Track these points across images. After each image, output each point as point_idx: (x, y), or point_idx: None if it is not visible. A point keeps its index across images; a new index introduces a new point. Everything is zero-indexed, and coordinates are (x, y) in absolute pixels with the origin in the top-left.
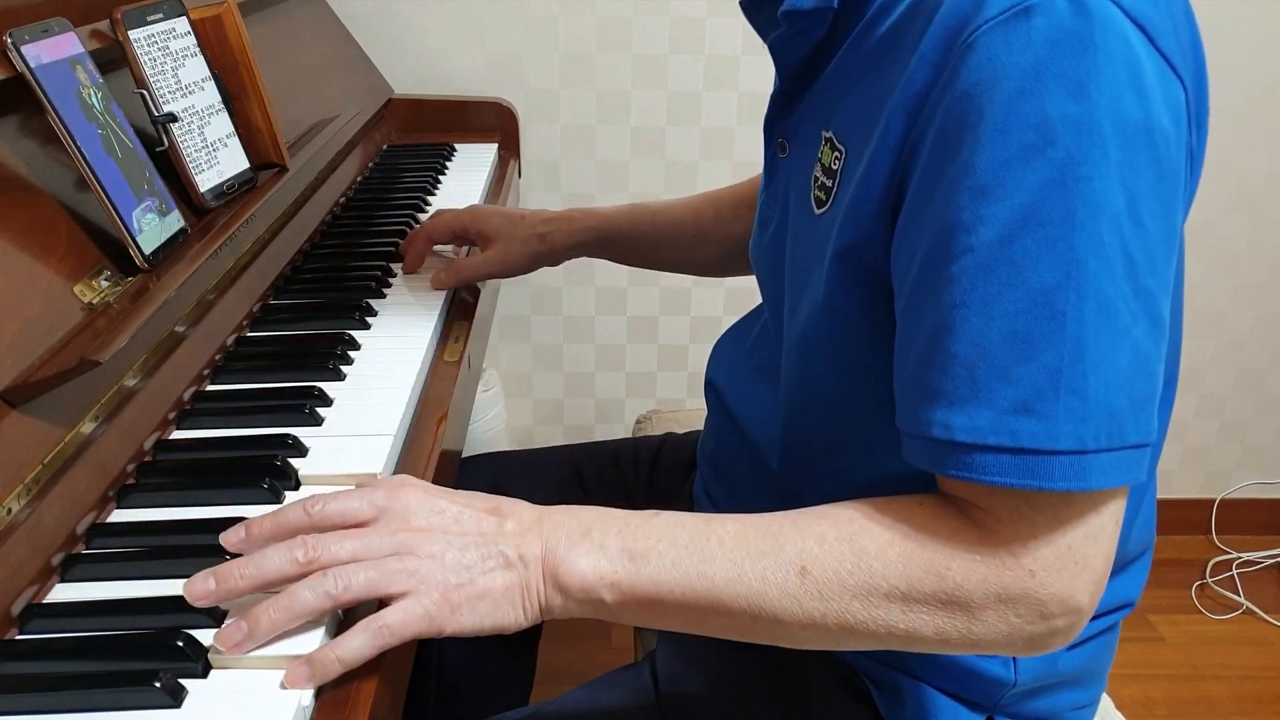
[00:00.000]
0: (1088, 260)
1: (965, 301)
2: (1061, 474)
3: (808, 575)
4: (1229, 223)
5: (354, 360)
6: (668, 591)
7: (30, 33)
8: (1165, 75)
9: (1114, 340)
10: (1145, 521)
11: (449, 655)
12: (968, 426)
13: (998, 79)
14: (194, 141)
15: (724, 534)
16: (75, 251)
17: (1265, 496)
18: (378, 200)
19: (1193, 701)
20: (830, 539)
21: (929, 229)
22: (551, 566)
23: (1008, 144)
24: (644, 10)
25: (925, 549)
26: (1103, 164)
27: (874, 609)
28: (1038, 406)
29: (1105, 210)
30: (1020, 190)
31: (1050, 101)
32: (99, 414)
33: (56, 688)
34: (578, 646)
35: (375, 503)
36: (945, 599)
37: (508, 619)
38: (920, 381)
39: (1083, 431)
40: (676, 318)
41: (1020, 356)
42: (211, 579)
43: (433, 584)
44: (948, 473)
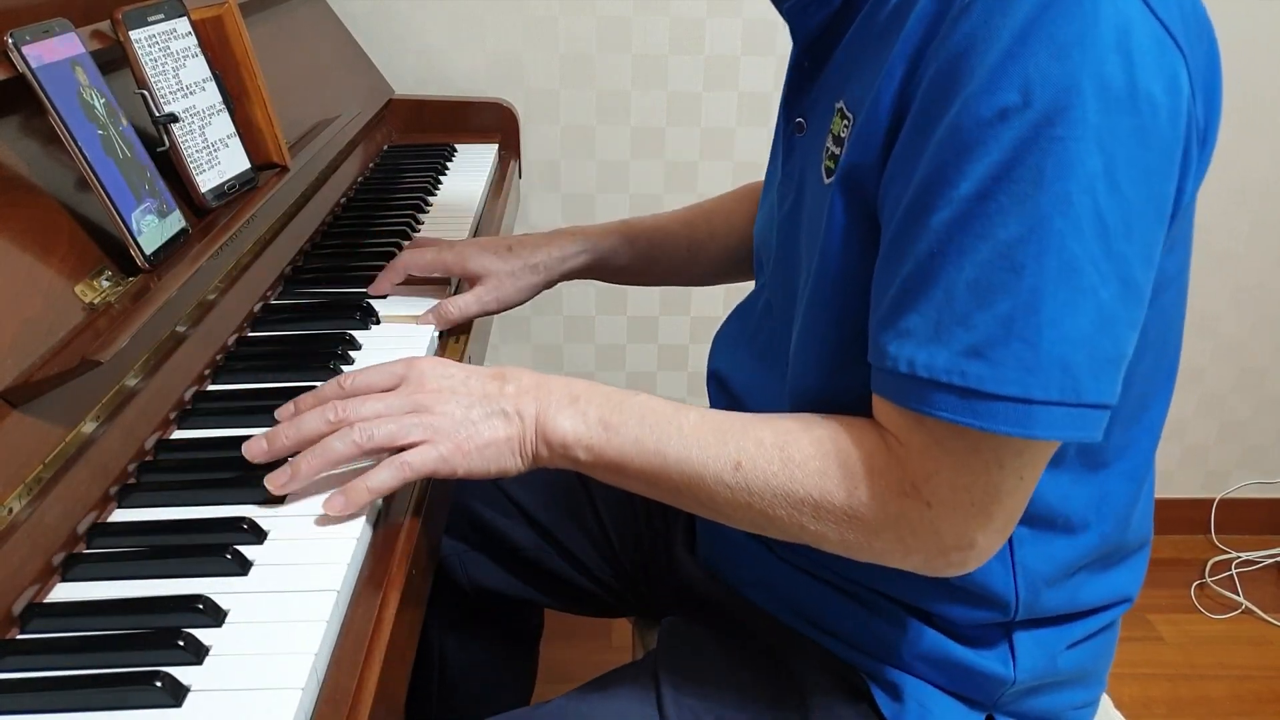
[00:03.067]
0: (1053, 218)
1: (941, 250)
2: (1004, 418)
3: (740, 470)
4: (1229, 223)
5: (355, 360)
6: (629, 461)
7: (31, 33)
8: (1162, 43)
9: (1075, 297)
10: (1143, 515)
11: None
12: (927, 364)
13: (989, 39)
14: (195, 142)
15: (684, 422)
16: (76, 251)
17: (1265, 496)
18: (378, 200)
19: (1192, 701)
20: (766, 443)
21: (915, 180)
22: (542, 424)
23: (991, 103)
24: (644, 10)
25: (841, 467)
26: (1079, 125)
27: (790, 509)
28: (988, 352)
29: (1077, 171)
30: (998, 148)
31: (1033, 63)
32: (100, 414)
33: (57, 687)
34: (578, 646)
35: (395, 372)
36: (849, 514)
37: (508, 464)
38: (893, 320)
39: (1029, 380)
40: (676, 318)
41: (979, 304)
42: (264, 440)
43: (445, 434)
44: (903, 403)
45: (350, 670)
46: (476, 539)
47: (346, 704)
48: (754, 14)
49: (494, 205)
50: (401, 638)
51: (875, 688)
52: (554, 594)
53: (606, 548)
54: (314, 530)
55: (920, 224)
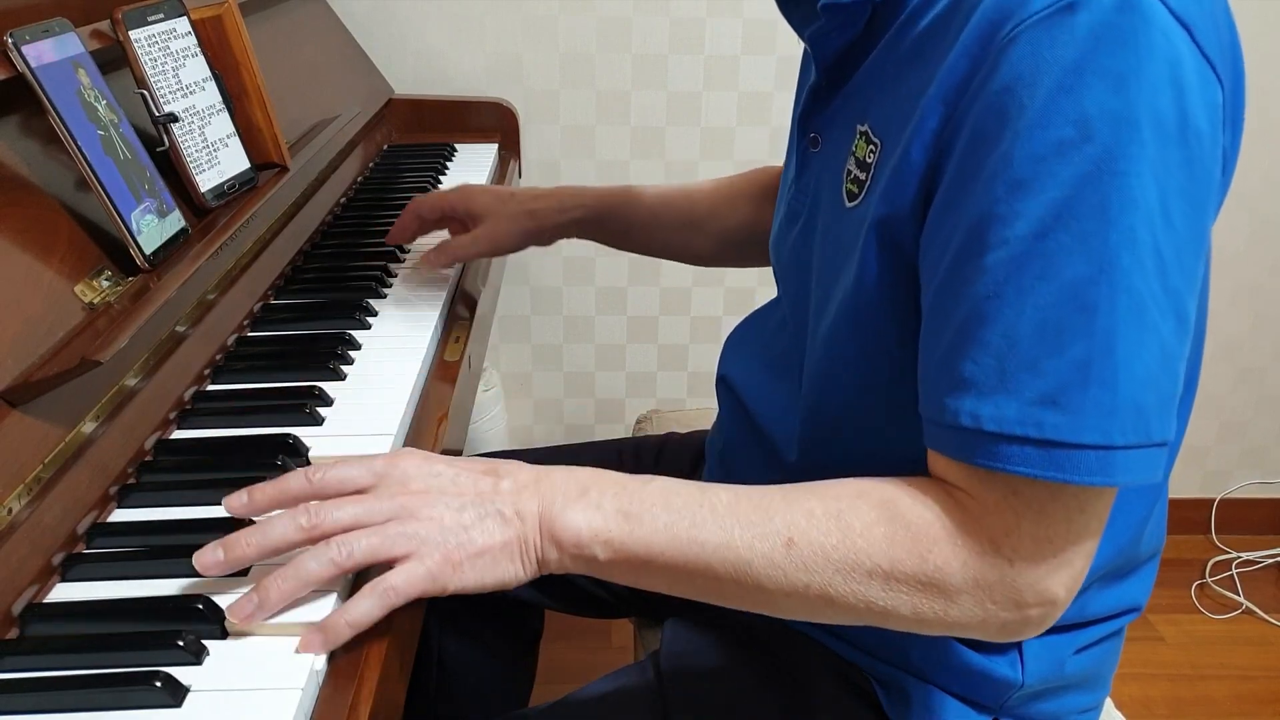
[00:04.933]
0: (1121, 255)
1: (998, 293)
2: (1087, 468)
3: (794, 547)
4: (1229, 223)
5: (354, 360)
6: (658, 553)
7: (31, 33)
8: (1205, 75)
9: (1143, 336)
10: (1156, 526)
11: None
12: (995, 416)
13: (1039, 73)
14: (194, 142)
15: (716, 502)
16: (76, 251)
17: (1265, 496)
18: (378, 200)
19: (1192, 701)
20: (818, 514)
21: (964, 220)
22: (548, 522)
23: (1046, 138)
24: (644, 10)
25: (909, 530)
26: (1139, 160)
27: (855, 584)
28: (1064, 399)
29: (1140, 206)
30: (1056, 184)
31: (1090, 97)
32: (100, 414)
33: (57, 688)
34: (578, 646)
35: (374, 469)
36: (925, 581)
37: (507, 574)
38: (949, 370)
39: (1109, 426)
40: (676, 318)
41: (1050, 349)
42: (220, 549)
43: (433, 544)
44: (972, 460)
45: (350, 671)
46: None
47: (346, 705)
48: (754, 14)
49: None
50: (401, 638)
51: (880, 690)
52: (555, 594)
53: None
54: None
55: (973, 266)
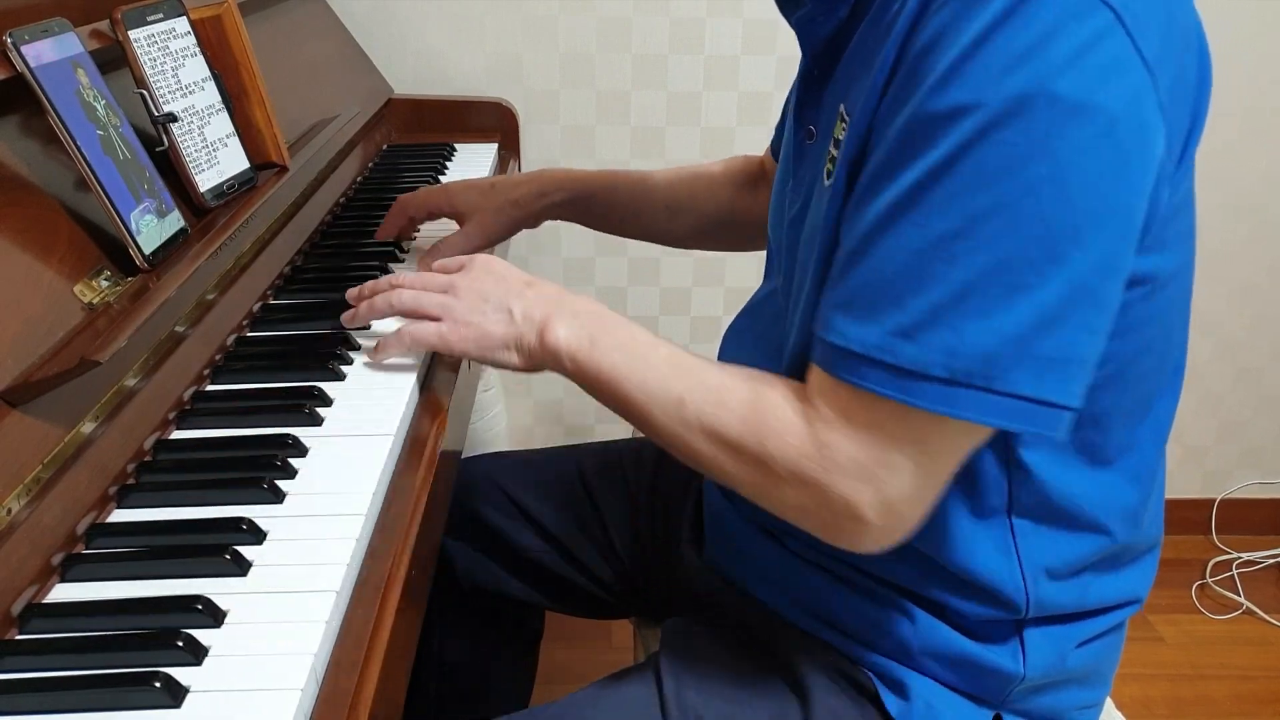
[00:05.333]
0: (989, 218)
1: (880, 232)
2: (930, 396)
3: (683, 405)
4: (1229, 223)
5: (354, 360)
6: (602, 378)
7: (30, 33)
8: (1124, 61)
9: (1008, 296)
10: (1153, 517)
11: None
12: (861, 339)
13: (954, 37)
14: (194, 141)
15: (654, 355)
16: (75, 251)
17: (1265, 496)
18: (378, 200)
19: (1193, 701)
20: (710, 385)
21: (873, 162)
22: (543, 329)
23: (943, 100)
24: (644, 10)
25: (761, 416)
26: (1024, 132)
27: (712, 447)
28: (918, 335)
29: (1019, 175)
30: (945, 144)
31: (988, 68)
32: (99, 414)
33: (56, 688)
34: (578, 647)
35: (461, 261)
36: (757, 461)
37: (503, 357)
38: (834, 292)
39: (953, 364)
40: (676, 318)
41: (913, 290)
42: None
43: (453, 316)
44: (836, 374)
45: (349, 671)
46: (479, 540)
47: (346, 705)
48: (754, 14)
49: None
50: (401, 638)
51: (881, 686)
52: (555, 595)
53: (608, 548)
54: (313, 531)
55: (867, 205)
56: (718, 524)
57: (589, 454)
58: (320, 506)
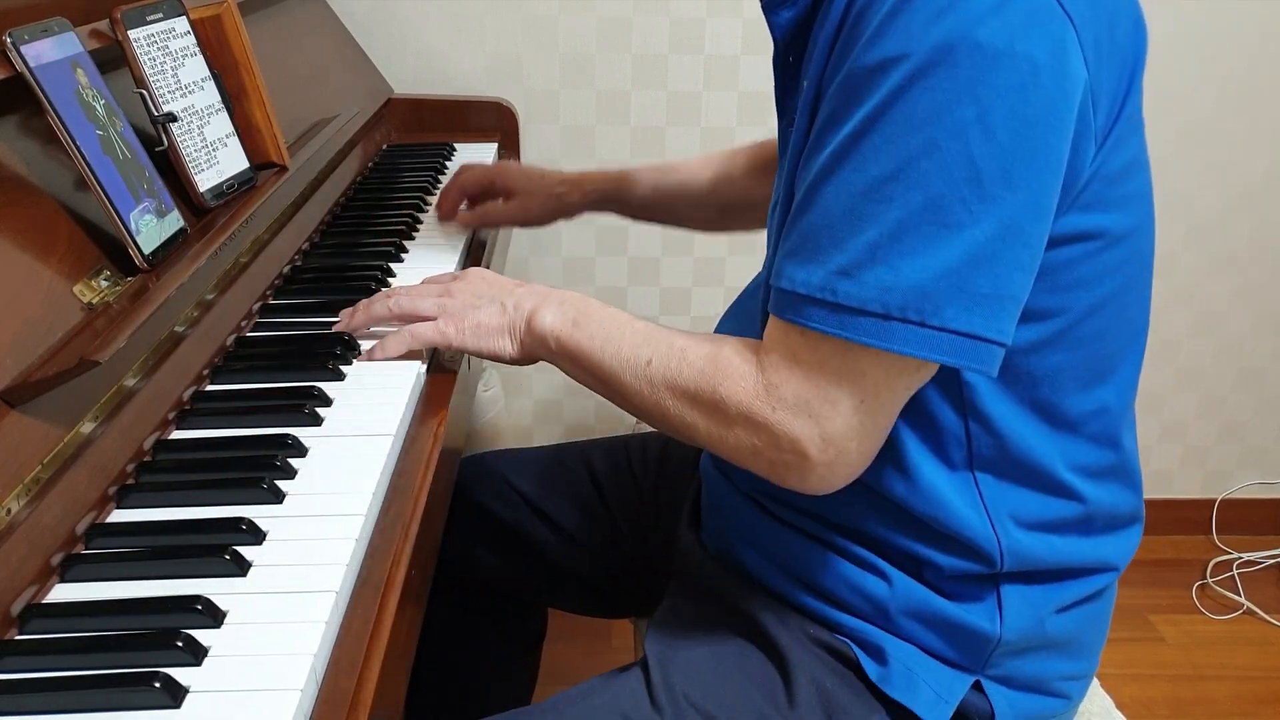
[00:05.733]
0: (919, 159)
1: (822, 181)
2: (867, 330)
3: (650, 366)
4: (1229, 223)
5: (354, 360)
6: (582, 354)
7: (30, 32)
8: (1044, 10)
9: (940, 233)
10: (1127, 486)
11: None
12: (805, 280)
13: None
14: (193, 141)
15: (629, 329)
16: (75, 251)
17: (1265, 496)
18: (377, 200)
19: (1193, 701)
20: (676, 346)
21: (817, 122)
22: (531, 316)
23: (874, 54)
24: (644, 10)
25: (716, 365)
26: (950, 78)
27: (675, 401)
28: (856, 273)
29: (945, 119)
30: (877, 94)
31: (914, 20)
32: (99, 414)
33: (56, 688)
34: (578, 647)
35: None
36: (712, 406)
37: (499, 344)
38: (785, 243)
39: (888, 300)
40: (676, 318)
41: (850, 231)
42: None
43: (451, 314)
44: (784, 316)
45: (349, 671)
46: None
47: (346, 705)
48: (754, 14)
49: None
50: (401, 638)
51: (861, 654)
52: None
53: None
54: (313, 531)
55: (812, 159)
56: (713, 499)
57: (595, 448)
58: (320, 506)
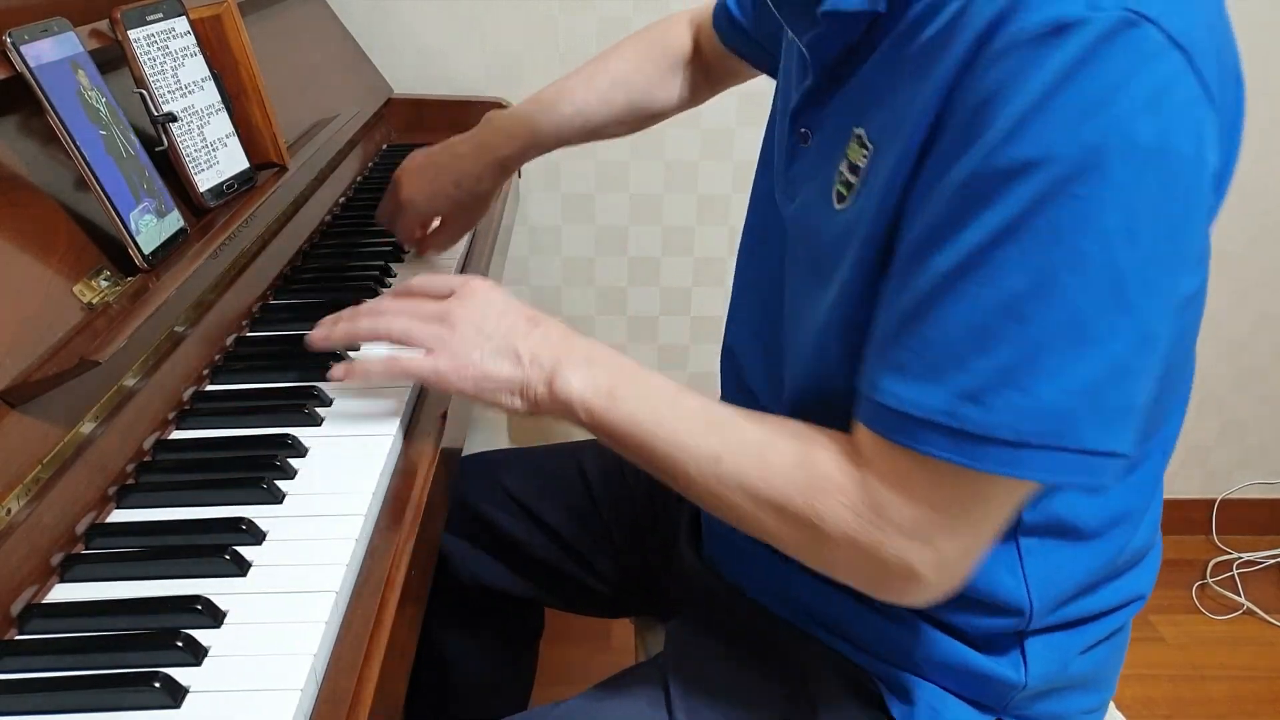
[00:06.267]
0: (1062, 274)
1: (941, 293)
2: (995, 459)
3: (720, 463)
4: (1230, 223)
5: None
6: (624, 434)
7: (30, 33)
8: (1196, 100)
9: (1080, 351)
10: (1150, 524)
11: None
12: (920, 403)
13: (1019, 89)
14: (193, 141)
15: (681, 408)
16: (75, 251)
17: (1265, 496)
18: (377, 200)
19: (1193, 701)
20: (750, 441)
21: (927, 218)
22: (553, 376)
23: (1012, 155)
24: (644, 10)
25: (812, 478)
26: (1102, 185)
27: (755, 508)
28: (983, 397)
29: (1093, 229)
30: (1014, 201)
31: (1060, 118)
32: (98, 414)
33: (56, 688)
34: (578, 646)
35: (451, 284)
36: (806, 523)
37: (504, 401)
38: (886, 354)
39: (1021, 425)
40: (676, 318)
41: (979, 351)
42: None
43: (451, 351)
44: (893, 438)
45: (349, 671)
46: (479, 536)
47: (346, 704)
48: None
49: (493, 205)
50: (401, 638)
51: (886, 690)
52: (555, 591)
53: (608, 543)
54: (313, 531)
55: (924, 263)
56: (718, 531)
57: (589, 451)
58: (320, 506)
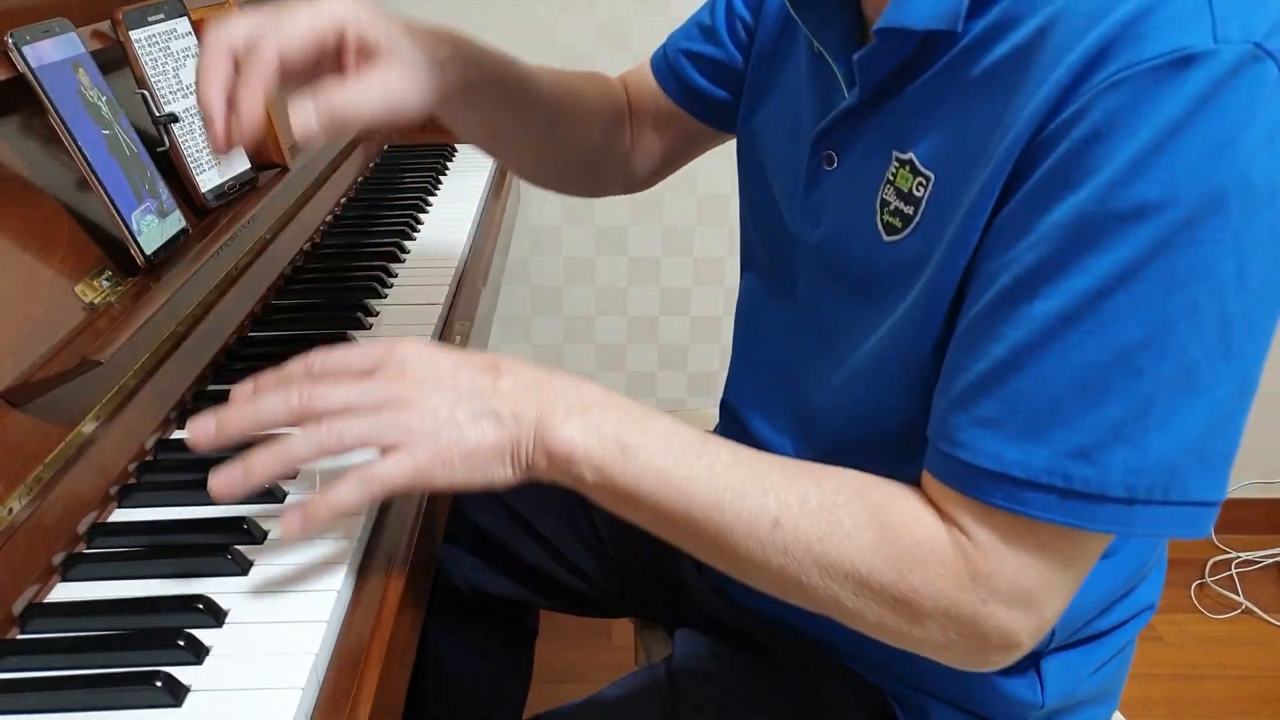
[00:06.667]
0: (1177, 324)
1: (1043, 343)
2: (1105, 517)
3: (779, 528)
4: None
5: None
6: (646, 494)
7: (31, 33)
8: None
9: (1190, 402)
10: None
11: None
12: (1022, 463)
13: (1135, 125)
14: (195, 142)
15: (715, 459)
16: (76, 251)
17: (1265, 496)
18: (378, 200)
19: (1192, 701)
20: (812, 502)
21: (1021, 260)
22: (544, 431)
23: (1129, 197)
24: (644, 10)
25: (896, 544)
26: (1219, 230)
27: (829, 580)
28: (1095, 455)
29: (1209, 276)
30: (1128, 245)
31: (1183, 160)
32: (100, 414)
33: (57, 687)
34: (577, 647)
35: (372, 355)
36: (897, 597)
37: (496, 475)
38: (971, 405)
39: (1134, 482)
40: (676, 318)
41: (1088, 406)
42: (212, 422)
43: (425, 438)
44: (991, 500)
45: (350, 670)
46: (474, 545)
47: (346, 704)
48: None
49: (494, 205)
50: (401, 638)
51: (899, 708)
52: (551, 597)
53: (602, 554)
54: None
55: (1020, 310)
56: None
57: None
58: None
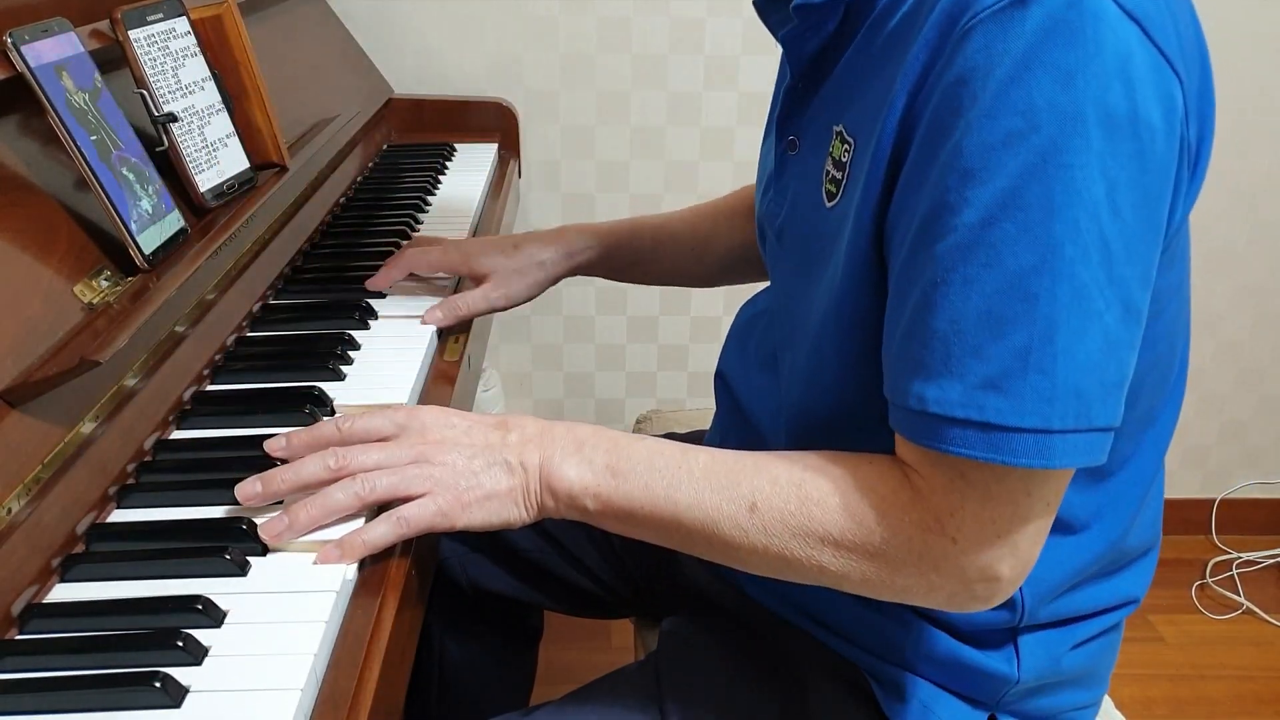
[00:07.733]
0: (1064, 245)
1: (946, 280)
2: (1025, 450)
3: (756, 511)
4: (1229, 223)
5: (354, 360)
6: (639, 508)
7: (30, 33)
8: (1159, 69)
9: (1085, 324)
10: (1150, 520)
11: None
12: (939, 399)
13: (991, 66)
14: (194, 141)
15: (694, 465)
16: (75, 251)
17: (1265, 496)
18: (378, 200)
19: (1193, 701)
20: (782, 481)
21: (920, 208)
22: (547, 474)
23: (994, 129)
24: (644, 10)
25: (862, 502)
26: (1084, 152)
27: (810, 549)
28: (1006, 384)
29: (1084, 197)
30: (1003, 175)
31: (1037, 89)
32: (99, 414)
33: (56, 688)
34: (578, 647)
35: (396, 420)
36: (871, 551)
37: (511, 515)
38: (903, 353)
39: (1047, 411)
40: (676, 318)
41: (993, 335)
42: (258, 483)
43: (446, 486)
44: (920, 441)
45: (349, 671)
46: (477, 540)
47: (346, 705)
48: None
49: (493, 205)
50: (401, 638)
51: (877, 687)
52: (555, 595)
53: (606, 548)
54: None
55: (926, 253)
56: None
57: None
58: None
